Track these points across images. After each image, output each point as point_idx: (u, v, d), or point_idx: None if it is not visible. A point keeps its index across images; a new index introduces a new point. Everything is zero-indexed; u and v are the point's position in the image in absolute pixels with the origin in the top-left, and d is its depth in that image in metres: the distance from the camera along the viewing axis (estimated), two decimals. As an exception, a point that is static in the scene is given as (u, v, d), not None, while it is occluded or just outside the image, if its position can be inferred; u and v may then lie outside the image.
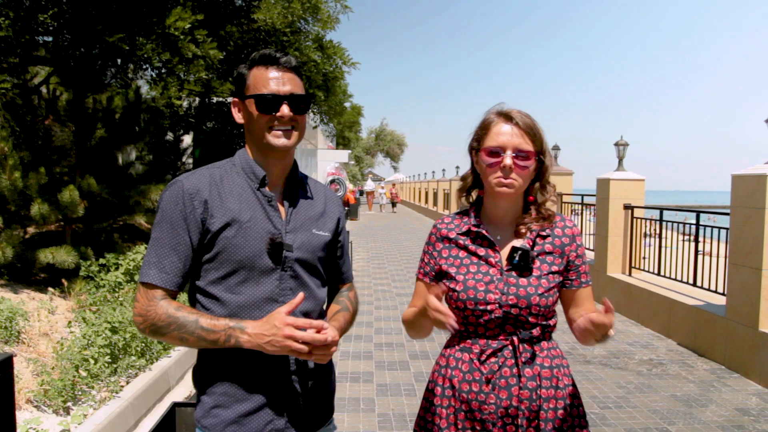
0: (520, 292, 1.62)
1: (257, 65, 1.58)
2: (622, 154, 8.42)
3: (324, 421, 1.68)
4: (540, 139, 1.65)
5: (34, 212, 5.98)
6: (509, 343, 1.63)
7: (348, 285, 1.85)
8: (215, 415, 1.53)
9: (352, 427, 4.05)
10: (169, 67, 6.97)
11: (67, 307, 5.67)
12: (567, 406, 1.66)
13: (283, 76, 1.56)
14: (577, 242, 1.72)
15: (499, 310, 1.62)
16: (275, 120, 1.55)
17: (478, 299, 1.63)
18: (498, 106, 1.70)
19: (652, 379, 5.08)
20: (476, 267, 1.68)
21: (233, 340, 1.44)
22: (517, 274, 1.64)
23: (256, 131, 1.57)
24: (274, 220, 1.57)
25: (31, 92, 7.02)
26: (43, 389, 3.87)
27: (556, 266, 1.68)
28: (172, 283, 1.50)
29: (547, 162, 1.68)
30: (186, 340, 1.46)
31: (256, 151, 1.61)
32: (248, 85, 1.57)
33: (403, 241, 17.15)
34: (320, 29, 10.67)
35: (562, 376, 1.67)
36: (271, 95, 1.54)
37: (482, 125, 1.69)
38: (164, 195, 1.54)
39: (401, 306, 8.03)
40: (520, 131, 1.62)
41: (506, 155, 1.61)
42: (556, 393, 1.64)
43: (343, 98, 17.26)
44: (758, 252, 5.10)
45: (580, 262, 1.72)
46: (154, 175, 8.44)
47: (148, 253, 1.53)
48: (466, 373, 1.66)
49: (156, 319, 1.47)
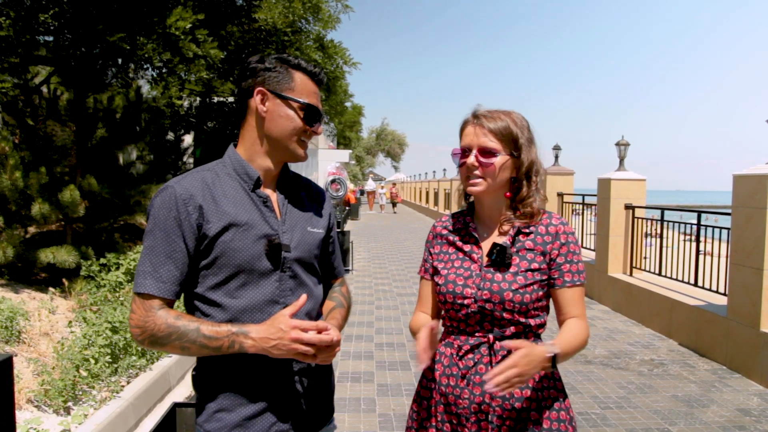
0: (493, 287, 1.64)
1: (303, 72, 1.58)
2: (623, 154, 8.41)
3: (325, 421, 1.67)
4: (510, 135, 1.66)
5: (34, 212, 5.97)
6: (486, 340, 1.66)
7: (340, 280, 1.84)
8: (219, 419, 1.51)
9: (353, 428, 4.04)
10: (170, 66, 6.98)
11: (67, 307, 5.67)
12: (544, 409, 1.65)
13: (319, 93, 1.61)
14: (561, 240, 1.68)
15: (475, 305, 1.65)
16: (309, 133, 1.58)
17: (456, 293, 1.68)
18: (474, 107, 1.73)
19: (653, 380, 5.08)
20: (460, 262, 1.73)
21: (237, 346, 1.42)
22: (494, 270, 1.66)
23: (283, 134, 1.56)
24: (271, 221, 1.56)
25: (32, 92, 7.02)
26: (43, 389, 3.87)
27: (537, 264, 1.66)
28: (169, 292, 1.47)
29: (522, 158, 1.68)
30: (188, 350, 1.44)
31: (264, 149, 1.58)
32: (294, 87, 1.55)
33: (403, 241, 17.14)
34: (321, 29, 10.66)
35: (541, 378, 1.65)
36: (319, 110, 1.58)
37: (460, 128, 1.74)
38: (155, 201, 1.49)
39: (402, 306, 8.03)
40: (483, 130, 1.66)
41: (471, 154, 1.66)
42: (531, 394, 1.64)
43: (344, 98, 17.28)
44: (759, 252, 5.09)
45: (563, 261, 1.67)
46: (155, 175, 8.44)
47: (142, 263, 1.47)
48: (446, 367, 1.70)
49: (155, 330, 1.43)
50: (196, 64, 7.04)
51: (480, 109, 1.71)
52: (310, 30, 10.49)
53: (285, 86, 1.54)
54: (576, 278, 1.69)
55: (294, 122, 1.55)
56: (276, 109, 1.54)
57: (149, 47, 6.50)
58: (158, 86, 7.23)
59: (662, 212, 7.59)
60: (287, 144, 1.56)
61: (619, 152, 8.43)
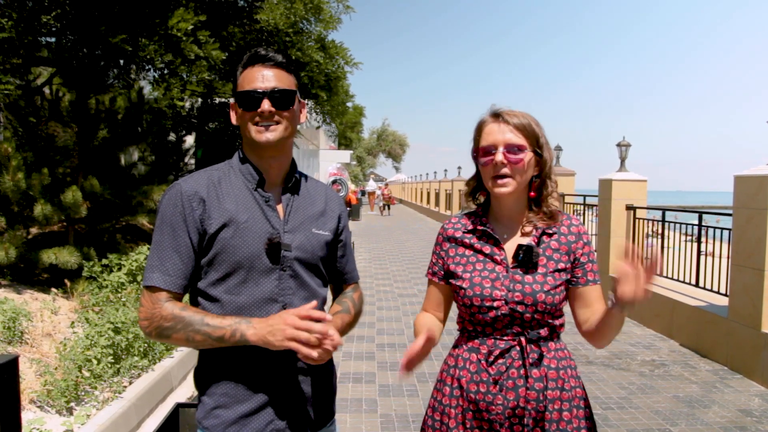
0: (525, 289, 1.62)
1: (247, 66, 1.60)
2: (624, 154, 8.41)
3: (325, 422, 1.67)
4: (533, 133, 1.66)
5: (37, 213, 5.99)
6: (517, 343, 1.63)
7: (353, 285, 1.83)
8: (216, 416, 1.53)
9: (355, 428, 4.05)
10: (172, 68, 6.98)
11: (70, 308, 5.68)
12: (573, 408, 1.65)
13: (270, 72, 1.58)
14: (583, 240, 1.71)
15: (505, 307, 1.62)
16: (257, 116, 1.56)
17: (485, 296, 1.64)
18: (490, 108, 1.72)
19: (654, 380, 5.08)
20: (482, 265, 1.69)
21: (239, 335, 1.44)
22: (522, 272, 1.64)
23: (242, 129, 1.60)
24: (272, 220, 1.58)
25: (34, 93, 7.03)
26: (46, 389, 3.89)
27: (563, 264, 1.67)
28: (175, 285, 1.51)
29: (545, 156, 1.69)
30: (192, 340, 1.46)
31: (249, 150, 1.63)
32: (241, 85, 1.59)
33: (405, 242, 17.14)
34: (322, 29, 10.66)
35: (568, 378, 1.67)
36: (251, 91, 1.56)
37: (476, 129, 1.72)
38: (163, 199, 1.56)
39: (403, 307, 8.04)
40: (509, 127, 1.64)
41: (498, 151, 1.63)
42: (562, 395, 1.64)
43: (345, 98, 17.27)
44: (761, 253, 5.09)
45: (587, 260, 1.70)
46: (157, 176, 8.46)
47: (151, 257, 1.53)
48: (474, 373, 1.66)
49: (162, 321, 1.47)
50: (197, 65, 7.04)
51: (499, 108, 1.69)
52: (312, 30, 10.48)
53: (236, 88, 1.60)
54: (597, 277, 1.73)
55: (240, 115, 1.59)
56: (235, 113, 1.62)
57: (151, 48, 6.51)
58: (160, 87, 7.24)
59: (663, 213, 7.59)
60: (246, 134, 1.59)
61: (620, 153, 8.43)
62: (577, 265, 1.69)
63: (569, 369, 1.69)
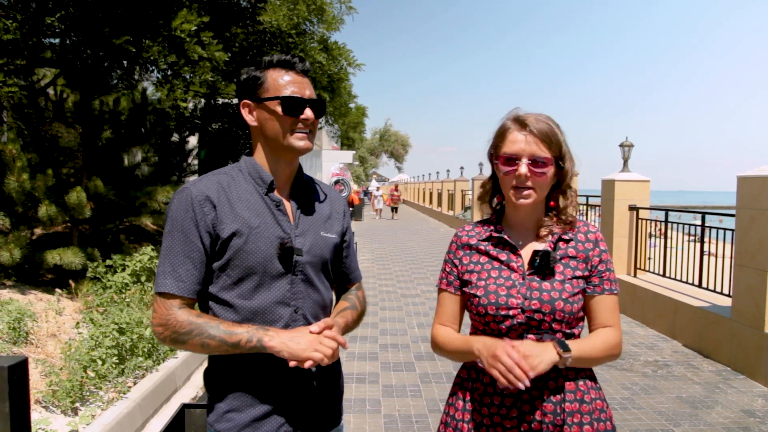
0: (543, 297, 1.57)
1: (274, 68, 1.58)
2: (627, 155, 8.41)
3: (333, 424, 1.69)
4: (558, 144, 1.61)
5: (41, 213, 6.01)
6: None
7: (356, 285, 1.85)
8: (229, 419, 1.54)
9: (359, 428, 4.06)
10: (175, 69, 7.01)
11: (74, 308, 5.70)
12: (594, 422, 1.59)
13: (302, 80, 1.59)
14: (600, 247, 1.66)
15: (522, 315, 1.57)
16: (299, 123, 1.56)
17: (500, 304, 1.59)
18: (514, 111, 1.66)
19: (657, 381, 5.08)
20: (497, 272, 1.64)
21: (255, 340, 1.45)
22: (539, 279, 1.60)
23: (275, 133, 1.57)
24: (283, 225, 1.58)
25: (39, 94, 7.06)
26: (51, 390, 3.90)
27: (580, 271, 1.62)
28: (188, 291, 1.50)
29: (567, 167, 1.64)
30: (207, 346, 1.47)
31: (269, 153, 1.61)
32: (266, 87, 1.57)
33: (407, 242, 17.15)
34: (325, 30, 10.68)
35: (588, 390, 1.61)
36: (298, 98, 1.55)
37: (498, 132, 1.66)
38: (173, 203, 1.54)
39: (406, 307, 8.05)
40: (535, 138, 1.59)
41: (522, 163, 1.58)
42: (582, 407, 1.58)
43: (348, 99, 17.29)
44: (764, 253, 5.09)
45: (604, 268, 1.65)
46: (160, 177, 8.48)
47: (162, 263, 1.51)
48: (488, 385, 1.61)
49: (177, 327, 1.47)
50: (201, 66, 7.06)
51: (527, 115, 1.62)
52: (314, 31, 10.51)
53: (261, 90, 1.58)
54: (614, 287, 1.66)
55: (278, 120, 1.56)
56: (260, 115, 1.58)
57: (155, 50, 6.53)
58: (163, 88, 7.26)
59: (666, 213, 7.59)
60: (283, 141, 1.57)
61: (623, 153, 8.43)
62: (594, 272, 1.64)
63: (588, 380, 1.63)
